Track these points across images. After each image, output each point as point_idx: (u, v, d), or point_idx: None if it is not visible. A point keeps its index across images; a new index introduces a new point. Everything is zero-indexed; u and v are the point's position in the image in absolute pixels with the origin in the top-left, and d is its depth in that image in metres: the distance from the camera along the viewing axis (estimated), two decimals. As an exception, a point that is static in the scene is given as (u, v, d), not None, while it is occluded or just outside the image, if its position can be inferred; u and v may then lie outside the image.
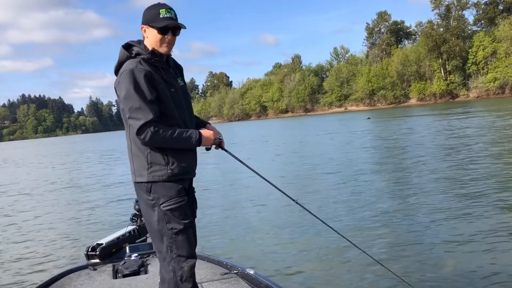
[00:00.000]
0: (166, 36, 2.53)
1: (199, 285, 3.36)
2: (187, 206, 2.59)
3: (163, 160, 2.49)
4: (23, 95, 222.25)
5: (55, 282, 3.63)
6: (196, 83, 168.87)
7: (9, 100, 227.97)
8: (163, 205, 2.49)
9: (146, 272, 3.76)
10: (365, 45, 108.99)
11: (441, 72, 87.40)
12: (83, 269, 3.87)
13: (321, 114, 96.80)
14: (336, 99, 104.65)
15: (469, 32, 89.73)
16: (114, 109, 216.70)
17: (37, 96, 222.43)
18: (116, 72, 2.57)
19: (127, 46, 2.60)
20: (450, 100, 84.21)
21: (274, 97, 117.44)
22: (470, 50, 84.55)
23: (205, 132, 2.64)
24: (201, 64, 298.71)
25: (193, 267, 2.60)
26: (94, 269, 3.84)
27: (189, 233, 2.59)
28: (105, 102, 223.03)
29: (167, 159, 2.49)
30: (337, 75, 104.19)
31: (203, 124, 2.83)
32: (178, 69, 2.77)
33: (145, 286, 3.44)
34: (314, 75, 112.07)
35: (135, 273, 3.71)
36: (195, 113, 2.86)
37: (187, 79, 3.06)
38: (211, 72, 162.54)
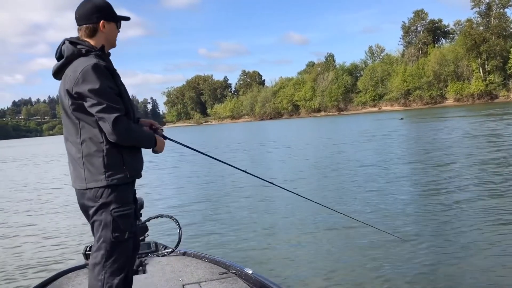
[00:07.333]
0: (119, 30, 2.59)
1: (197, 284, 3.31)
2: (133, 215, 2.52)
3: (120, 162, 2.39)
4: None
5: (53, 281, 3.62)
6: (229, 82, 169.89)
7: (49, 96, 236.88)
8: (114, 210, 2.38)
9: (144, 272, 3.73)
10: (401, 44, 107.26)
11: (479, 72, 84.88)
12: (81, 269, 3.83)
13: (354, 114, 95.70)
14: (370, 99, 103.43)
15: (510, 31, 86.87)
16: (149, 106, 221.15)
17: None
18: (60, 70, 2.46)
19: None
20: (489, 101, 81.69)
21: (307, 96, 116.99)
22: (511, 49, 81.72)
23: (158, 138, 2.60)
24: (229, 63, 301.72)
25: (124, 282, 2.48)
26: None
27: (129, 245, 2.49)
28: (140, 99, 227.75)
29: (123, 161, 2.40)
30: (371, 74, 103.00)
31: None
32: None
33: (143, 286, 3.39)
34: (348, 74, 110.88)
35: (133, 272, 3.65)
36: (229, 111, 2.77)
37: (219, 77, 2.97)
38: (244, 71, 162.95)
